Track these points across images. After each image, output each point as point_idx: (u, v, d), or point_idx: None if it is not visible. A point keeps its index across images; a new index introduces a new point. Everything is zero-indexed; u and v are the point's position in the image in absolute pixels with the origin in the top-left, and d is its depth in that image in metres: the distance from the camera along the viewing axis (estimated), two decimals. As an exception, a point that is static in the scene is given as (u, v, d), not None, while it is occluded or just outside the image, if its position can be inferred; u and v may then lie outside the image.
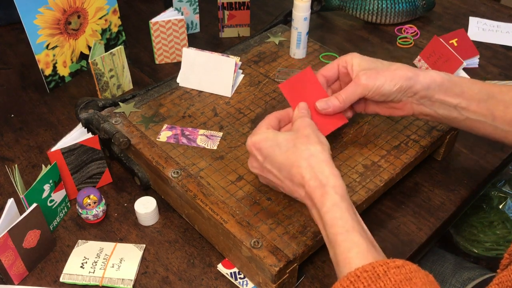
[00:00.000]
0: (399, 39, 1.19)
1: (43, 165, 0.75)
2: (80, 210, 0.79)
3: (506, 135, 0.70)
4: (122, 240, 0.78)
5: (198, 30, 1.21)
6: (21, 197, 0.72)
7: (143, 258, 0.76)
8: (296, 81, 0.75)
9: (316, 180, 0.62)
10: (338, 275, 0.58)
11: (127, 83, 1.03)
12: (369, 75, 0.71)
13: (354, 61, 0.73)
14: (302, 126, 0.68)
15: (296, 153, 0.64)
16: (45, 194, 0.76)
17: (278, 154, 0.66)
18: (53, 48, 1.00)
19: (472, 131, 0.73)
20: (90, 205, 0.78)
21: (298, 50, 0.99)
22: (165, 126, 0.84)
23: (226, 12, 1.15)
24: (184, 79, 0.92)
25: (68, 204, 0.82)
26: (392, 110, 0.75)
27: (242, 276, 0.73)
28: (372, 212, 0.81)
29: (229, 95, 0.90)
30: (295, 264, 0.68)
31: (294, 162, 0.64)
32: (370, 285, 0.51)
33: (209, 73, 0.91)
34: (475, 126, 0.72)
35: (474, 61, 1.11)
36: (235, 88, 0.92)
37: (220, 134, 0.83)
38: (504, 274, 0.53)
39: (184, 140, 0.82)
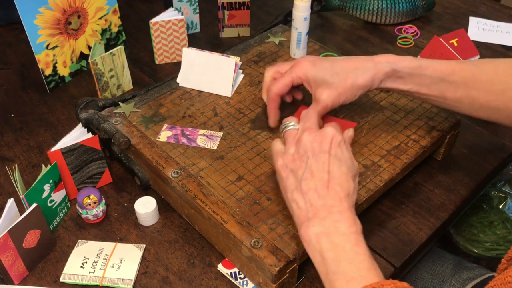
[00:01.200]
0: (399, 39, 1.19)
1: (43, 165, 0.75)
2: (80, 210, 0.79)
3: (457, 109, 0.77)
4: (122, 240, 0.78)
5: (198, 30, 1.21)
6: (21, 197, 0.72)
7: (143, 258, 0.76)
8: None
9: (349, 202, 0.62)
10: (339, 285, 0.57)
11: (127, 83, 1.03)
12: (331, 98, 0.75)
13: (309, 76, 0.77)
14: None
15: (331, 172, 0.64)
16: (45, 194, 0.76)
17: (339, 167, 0.64)
18: (53, 48, 1.00)
19: (427, 102, 0.82)
20: (90, 205, 0.78)
21: (298, 50, 0.99)
22: (165, 126, 0.84)
23: (226, 12, 1.15)
24: (184, 79, 0.92)
25: (68, 204, 0.82)
26: None
27: (242, 276, 0.73)
28: (372, 212, 0.81)
29: (229, 95, 0.90)
30: (295, 264, 0.68)
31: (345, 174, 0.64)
32: None
33: (209, 73, 0.91)
34: (431, 102, 0.78)
35: (474, 61, 1.11)
36: (235, 88, 0.92)
37: (220, 134, 0.83)
38: (499, 277, 0.54)
39: (184, 140, 0.82)
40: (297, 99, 0.87)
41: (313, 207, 0.61)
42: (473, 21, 1.25)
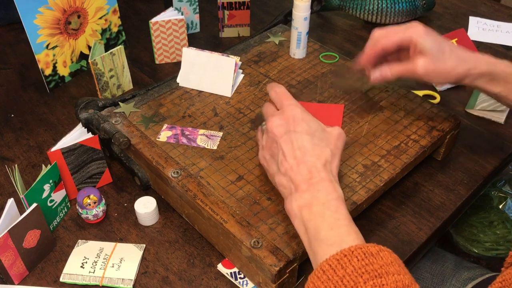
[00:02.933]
0: (399, 39, 1.18)
1: (43, 165, 0.75)
2: (80, 210, 0.79)
3: None
4: (122, 240, 0.78)
5: (198, 30, 1.21)
6: (21, 197, 0.72)
7: (143, 258, 0.76)
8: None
9: (328, 172, 0.63)
10: (321, 251, 0.58)
11: (127, 83, 1.03)
12: (425, 68, 0.74)
13: (418, 41, 0.75)
14: (336, 136, 0.68)
15: (324, 150, 0.65)
16: (45, 194, 0.76)
17: (308, 140, 0.65)
18: (53, 48, 1.00)
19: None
20: (90, 205, 0.78)
21: (298, 50, 0.99)
22: (165, 126, 0.84)
23: (226, 12, 1.15)
24: (184, 79, 0.92)
25: (68, 204, 0.82)
26: None
27: (242, 276, 0.73)
28: (372, 212, 0.81)
29: (229, 95, 0.90)
30: (295, 264, 0.68)
31: (325, 149, 0.65)
32: (364, 259, 0.53)
33: (209, 73, 0.91)
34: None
35: (474, 61, 1.10)
36: (235, 88, 0.92)
37: (220, 134, 0.83)
38: (508, 272, 0.53)
39: (184, 140, 0.82)
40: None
41: (294, 183, 0.63)
42: (473, 21, 1.25)
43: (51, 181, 0.76)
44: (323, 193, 0.61)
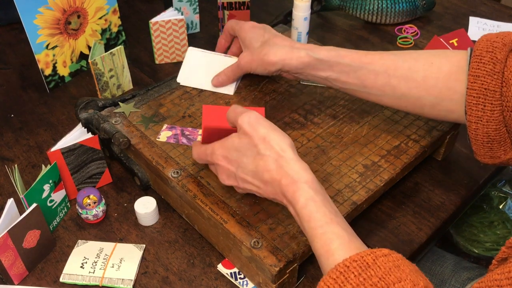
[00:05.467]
0: (399, 39, 1.19)
1: (43, 165, 0.75)
2: (80, 210, 0.79)
3: (380, 99, 0.77)
4: (122, 240, 0.78)
5: (198, 30, 1.21)
6: (21, 197, 0.72)
7: (143, 258, 0.76)
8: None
9: (288, 177, 0.62)
10: (323, 268, 0.58)
11: (127, 83, 1.03)
12: (246, 61, 0.85)
13: (240, 36, 0.88)
14: (251, 128, 0.65)
15: (263, 159, 0.64)
16: (45, 194, 0.76)
17: (247, 163, 0.65)
18: (53, 48, 1.00)
19: (350, 95, 0.82)
20: (90, 205, 0.78)
21: (298, 50, 0.99)
22: (165, 126, 0.84)
23: (226, 12, 1.15)
24: (185, 78, 0.92)
25: (68, 204, 0.82)
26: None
27: (242, 276, 0.73)
28: (372, 212, 0.81)
29: (232, 93, 0.90)
30: (295, 264, 0.68)
31: (263, 167, 0.64)
32: (361, 274, 0.52)
33: (213, 73, 0.91)
34: (349, 92, 0.80)
35: (474, 61, 1.10)
36: (236, 87, 0.92)
37: (220, 134, 0.83)
38: (499, 271, 0.53)
39: (184, 140, 0.82)
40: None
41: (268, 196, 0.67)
42: (473, 21, 1.25)
43: (51, 181, 0.76)
44: (289, 206, 0.63)
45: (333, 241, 0.57)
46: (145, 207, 0.79)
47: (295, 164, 0.63)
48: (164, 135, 0.83)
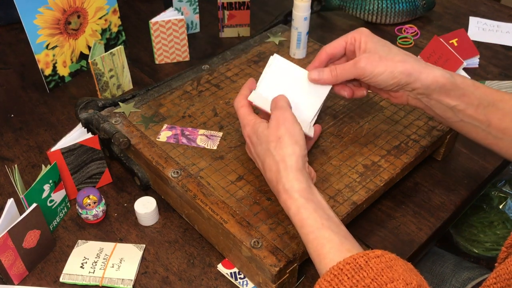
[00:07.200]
0: (399, 39, 1.19)
1: (43, 165, 0.75)
2: (80, 210, 0.79)
3: (497, 142, 0.70)
4: (122, 240, 0.78)
5: (198, 30, 1.21)
6: (21, 197, 0.72)
7: (143, 258, 0.76)
8: None
9: (281, 184, 0.64)
10: (318, 271, 0.59)
11: (127, 83, 1.03)
12: (370, 60, 0.69)
13: (362, 40, 0.71)
14: (275, 126, 0.67)
15: (270, 157, 0.66)
16: (45, 194, 0.76)
17: (260, 153, 0.69)
18: (53, 48, 1.00)
19: (462, 132, 0.73)
20: (90, 205, 0.78)
21: (298, 50, 0.99)
22: (165, 126, 0.84)
23: (226, 12, 1.15)
24: (262, 91, 0.75)
25: (68, 204, 0.82)
26: (387, 96, 0.74)
27: (242, 276, 0.73)
28: (372, 212, 0.81)
29: (307, 131, 0.72)
30: (295, 264, 0.68)
31: (268, 165, 0.66)
32: (354, 276, 0.53)
33: (295, 93, 0.74)
34: (468, 129, 0.71)
35: (474, 61, 1.11)
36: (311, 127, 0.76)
37: (220, 134, 0.83)
38: (501, 267, 0.54)
39: (184, 140, 0.82)
40: (357, 96, 0.76)
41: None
42: (473, 21, 1.25)
43: (51, 181, 0.76)
44: (286, 208, 0.64)
45: (324, 245, 0.58)
46: (145, 207, 0.79)
47: (291, 173, 0.64)
48: (164, 135, 0.83)
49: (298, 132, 0.67)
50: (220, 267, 0.74)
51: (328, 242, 0.58)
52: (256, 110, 0.75)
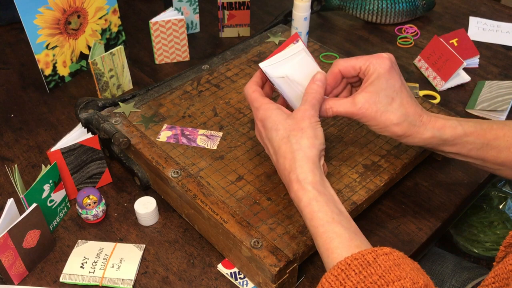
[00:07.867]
0: (399, 39, 1.19)
1: (43, 165, 0.75)
2: (80, 210, 0.79)
3: (495, 171, 0.74)
4: (122, 240, 0.78)
5: (198, 30, 1.21)
6: (21, 197, 0.72)
7: (143, 258, 0.76)
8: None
9: (295, 174, 0.63)
10: (325, 265, 0.59)
11: (127, 83, 1.03)
12: (366, 115, 0.68)
13: (375, 74, 0.68)
14: (301, 117, 0.66)
15: (287, 145, 0.65)
16: (45, 194, 0.76)
17: (275, 139, 0.67)
18: (53, 48, 1.00)
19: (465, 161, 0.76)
20: (90, 205, 0.78)
21: (298, 50, 0.99)
22: (165, 126, 0.84)
23: (226, 12, 1.15)
24: (273, 65, 0.72)
25: (68, 204, 0.82)
26: None
27: (242, 276, 0.73)
28: (372, 212, 0.81)
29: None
30: (295, 264, 0.68)
31: (283, 152, 0.65)
32: (361, 272, 0.53)
33: (301, 80, 0.72)
34: (464, 162, 0.75)
35: (474, 61, 1.11)
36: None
37: (220, 134, 0.83)
38: (499, 266, 0.54)
39: (184, 140, 0.82)
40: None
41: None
42: (473, 21, 1.25)
43: (51, 181, 0.76)
44: (296, 201, 0.63)
45: (333, 239, 0.58)
46: (145, 207, 0.79)
47: (307, 164, 0.63)
48: (164, 135, 0.83)
49: (320, 131, 0.66)
50: (220, 267, 0.74)
51: (338, 237, 0.58)
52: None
